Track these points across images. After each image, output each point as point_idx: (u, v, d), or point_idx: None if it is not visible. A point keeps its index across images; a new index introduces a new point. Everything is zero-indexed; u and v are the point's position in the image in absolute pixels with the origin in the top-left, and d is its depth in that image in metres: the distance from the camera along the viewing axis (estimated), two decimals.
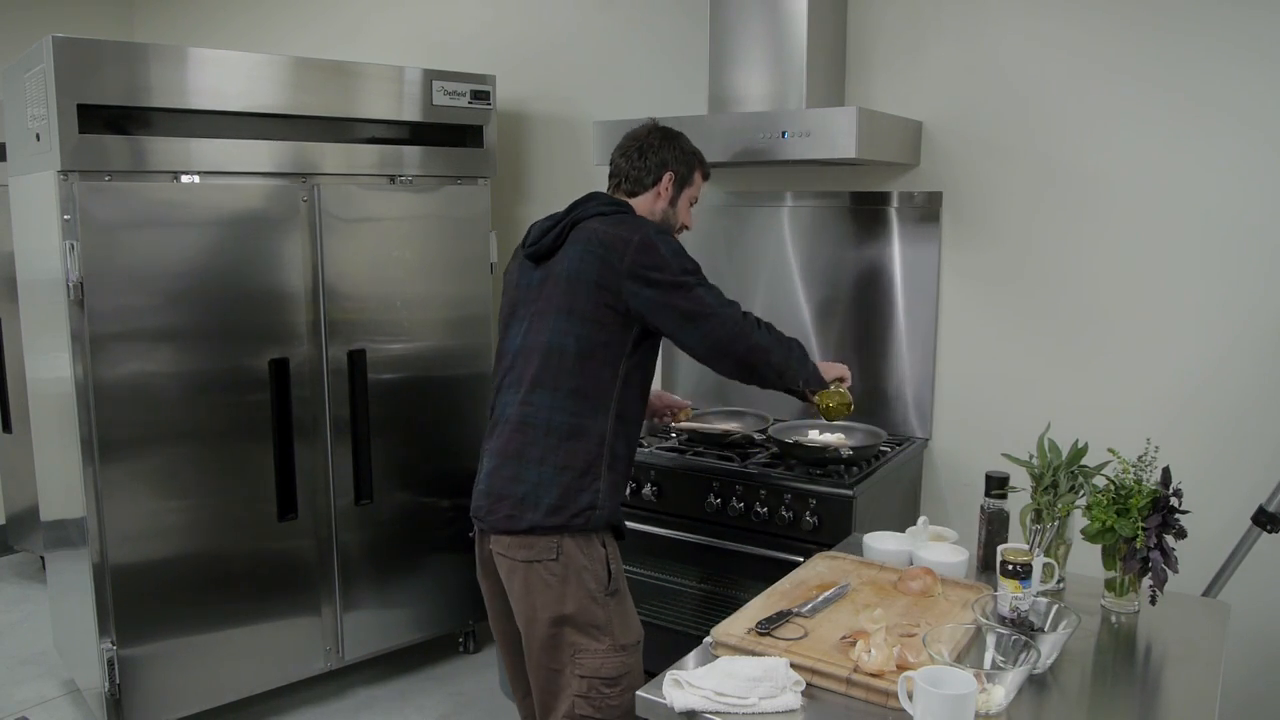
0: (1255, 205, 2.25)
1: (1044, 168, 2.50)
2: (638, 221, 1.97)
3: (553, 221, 2.01)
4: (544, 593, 1.89)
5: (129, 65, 2.45)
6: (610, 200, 2.04)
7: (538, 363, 1.91)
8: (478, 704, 3.05)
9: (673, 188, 2.09)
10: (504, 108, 3.46)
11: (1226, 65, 2.25)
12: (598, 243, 1.91)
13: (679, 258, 1.91)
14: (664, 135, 2.12)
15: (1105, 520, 1.69)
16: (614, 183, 2.13)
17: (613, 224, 1.94)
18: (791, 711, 1.37)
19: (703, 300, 1.90)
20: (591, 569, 1.90)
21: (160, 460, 2.59)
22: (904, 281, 2.73)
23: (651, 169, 2.08)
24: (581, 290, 1.89)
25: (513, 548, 1.91)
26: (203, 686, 2.73)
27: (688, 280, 1.89)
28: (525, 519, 1.88)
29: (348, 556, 2.97)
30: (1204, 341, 2.34)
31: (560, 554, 1.88)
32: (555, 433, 1.89)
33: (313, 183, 2.77)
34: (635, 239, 1.89)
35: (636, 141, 2.11)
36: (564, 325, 1.90)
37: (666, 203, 2.10)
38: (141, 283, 2.52)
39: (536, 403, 1.90)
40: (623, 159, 2.12)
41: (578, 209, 2.00)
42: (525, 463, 1.90)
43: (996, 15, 2.53)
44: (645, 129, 2.13)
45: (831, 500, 2.29)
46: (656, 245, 1.89)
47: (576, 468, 1.88)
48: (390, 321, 2.97)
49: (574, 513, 1.87)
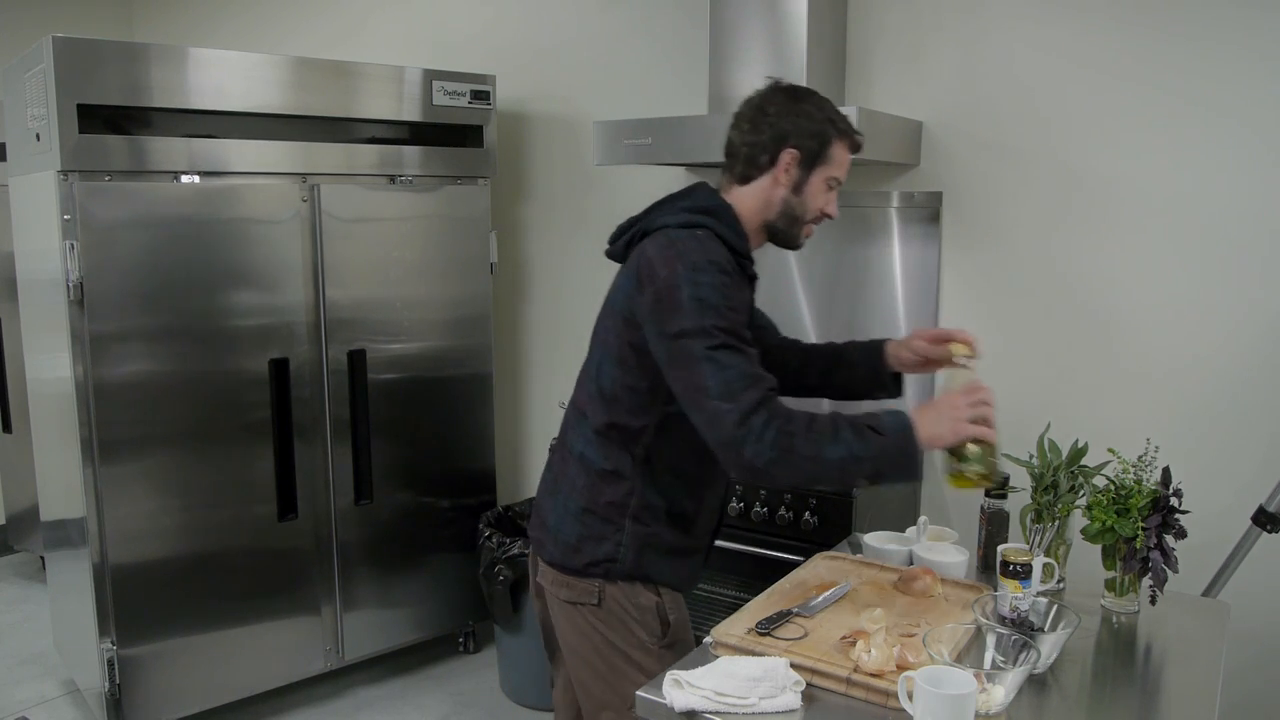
0: (1255, 205, 2.25)
1: (1045, 167, 2.50)
2: (683, 249, 1.54)
3: (630, 221, 1.69)
4: (592, 636, 1.69)
5: (129, 65, 2.45)
6: (697, 204, 1.63)
7: (586, 395, 1.70)
8: (478, 704, 3.05)
9: (796, 169, 1.62)
10: (504, 108, 3.46)
11: (1226, 66, 2.24)
12: (634, 269, 1.58)
13: (699, 309, 1.48)
14: (788, 96, 1.63)
15: (1105, 520, 1.69)
16: (726, 164, 1.69)
17: (663, 245, 1.56)
18: (791, 711, 1.37)
19: (702, 384, 1.47)
20: (641, 619, 1.66)
21: (160, 460, 2.59)
22: (904, 281, 2.73)
23: (766, 145, 1.61)
24: (614, 324, 1.63)
25: (555, 585, 1.72)
26: (203, 686, 2.73)
27: (693, 348, 1.47)
28: (547, 549, 1.73)
29: (348, 556, 2.97)
30: (1204, 341, 2.33)
31: (602, 600, 1.66)
32: (585, 469, 1.68)
33: (313, 183, 2.77)
34: (663, 275, 1.52)
35: (752, 106, 1.65)
36: (599, 355, 1.68)
37: (788, 189, 1.63)
38: (141, 283, 2.52)
39: (579, 434, 1.71)
40: (735, 131, 1.66)
41: (654, 212, 1.64)
42: (557, 492, 1.73)
43: (997, 15, 2.53)
44: (765, 88, 1.66)
45: (831, 500, 2.28)
46: (680, 289, 1.49)
47: (598, 511, 1.66)
48: (390, 321, 2.97)
49: (590, 560, 1.66)
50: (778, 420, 1.46)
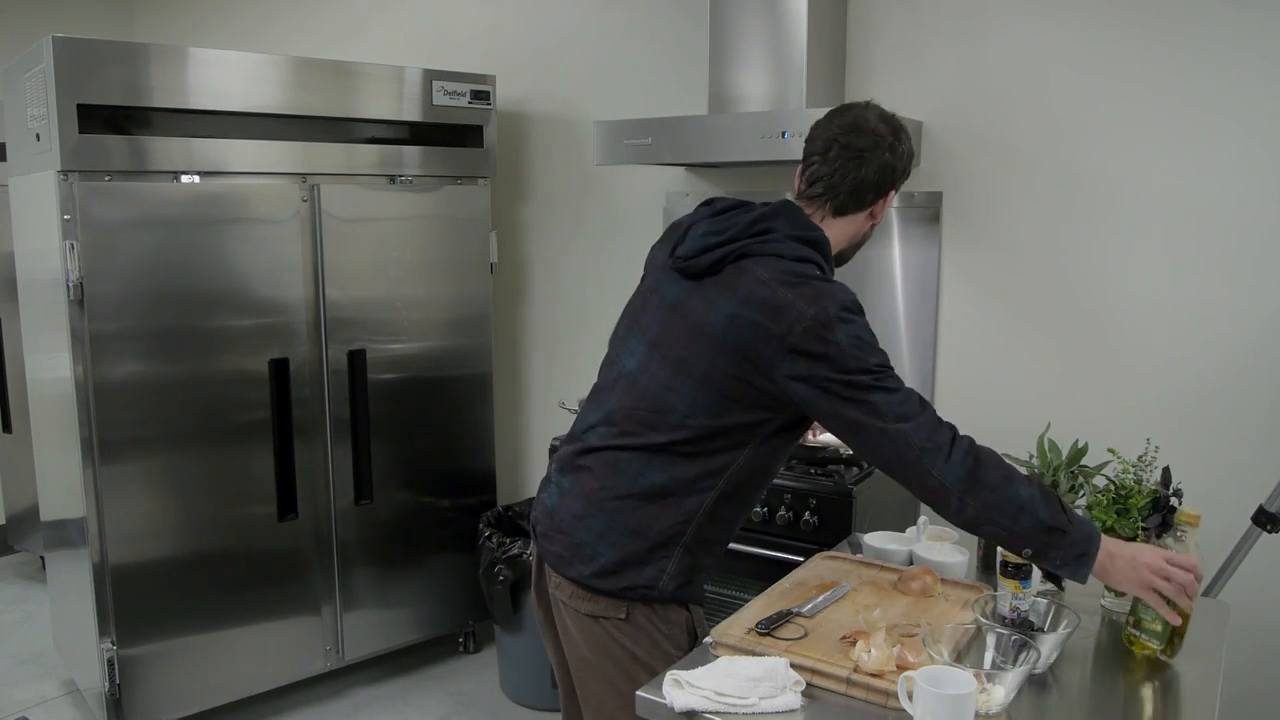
0: (1255, 205, 2.25)
1: (1045, 167, 2.50)
2: (822, 288, 1.49)
3: (721, 238, 1.56)
4: (612, 649, 1.59)
5: (129, 65, 2.45)
6: (803, 235, 1.56)
7: (643, 409, 1.57)
8: (478, 704, 3.05)
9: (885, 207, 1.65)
10: (504, 108, 3.46)
11: (1226, 67, 2.25)
12: (759, 305, 1.49)
13: (859, 349, 1.47)
14: (896, 131, 1.60)
15: (1105, 520, 1.69)
16: (818, 191, 1.61)
17: (789, 281, 1.49)
18: (791, 711, 1.37)
19: (875, 409, 1.46)
20: (670, 634, 1.60)
21: (160, 460, 2.60)
22: (904, 281, 2.73)
23: (879, 184, 1.59)
24: (723, 361, 1.51)
25: (575, 599, 1.60)
26: (203, 686, 2.73)
27: (862, 380, 1.46)
28: (574, 567, 1.59)
29: (348, 556, 2.97)
30: (1204, 341, 2.33)
31: (630, 616, 1.58)
32: (641, 488, 1.56)
33: (313, 183, 2.78)
34: (810, 313, 1.46)
35: (865, 137, 1.58)
36: (692, 391, 1.53)
37: (875, 222, 1.66)
38: (141, 283, 2.52)
39: (632, 450, 1.57)
40: (838, 160, 1.58)
41: (754, 234, 1.55)
42: (595, 506, 1.58)
43: (996, 15, 2.53)
44: (873, 115, 1.60)
45: (831, 500, 2.28)
46: (835, 329, 1.45)
47: (649, 538, 1.55)
48: (390, 321, 2.97)
49: (627, 585, 1.56)
50: (964, 440, 1.49)
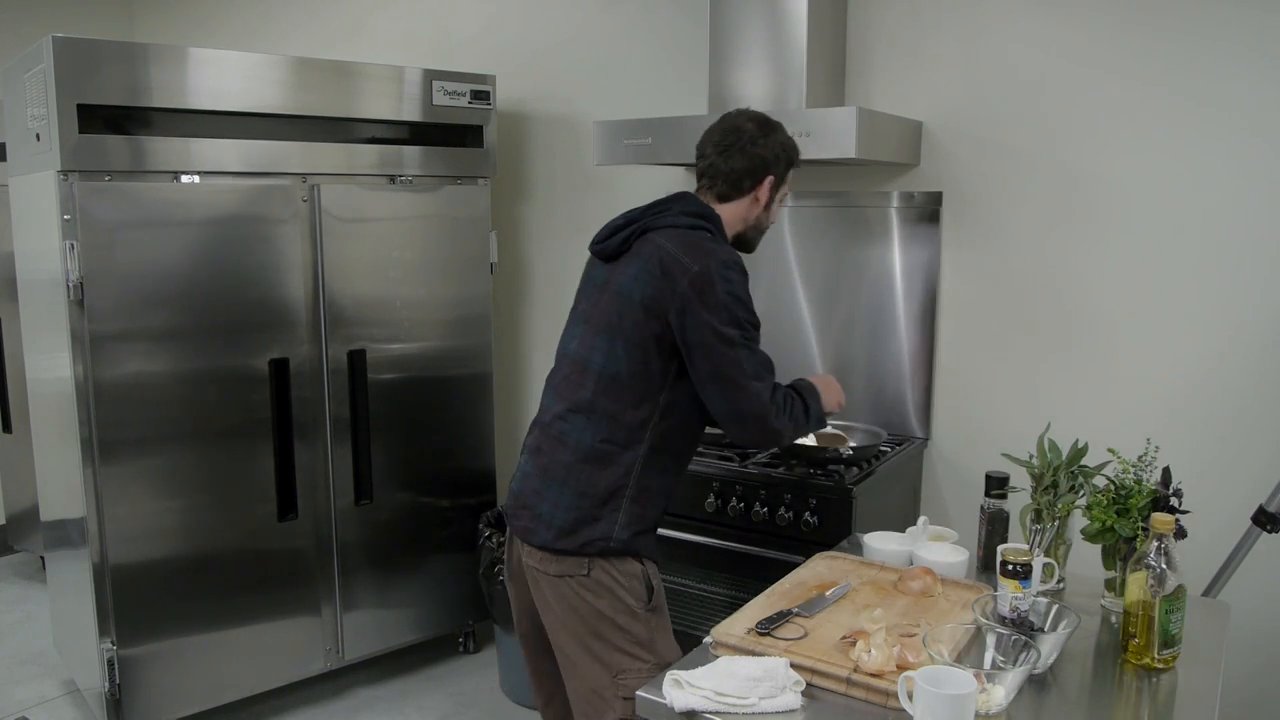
0: (1255, 205, 2.25)
1: (1045, 167, 2.50)
2: (708, 248, 1.76)
3: (626, 220, 1.85)
4: (580, 606, 1.79)
5: (129, 65, 2.45)
6: (694, 209, 1.84)
7: (580, 380, 1.81)
8: (478, 704, 3.05)
9: (769, 192, 1.89)
10: (504, 108, 3.46)
11: (1226, 66, 2.25)
12: (657, 263, 1.74)
13: (735, 306, 1.73)
14: (763, 127, 1.87)
15: (1105, 520, 1.69)
16: (705, 183, 1.90)
17: (681, 244, 1.76)
18: (791, 711, 1.37)
19: (738, 365, 1.72)
20: (628, 585, 1.79)
21: (160, 460, 2.59)
22: (904, 281, 2.73)
23: (751, 170, 1.85)
24: (630, 312, 1.76)
25: (544, 562, 1.81)
26: (203, 686, 2.73)
27: (732, 335, 1.71)
28: (539, 534, 1.80)
29: (348, 556, 2.97)
30: (1204, 341, 2.34)
31: (591, 571, 1.78)
32: (582, 455, 1.78)
33: (313, 183, 2.77)
34: (695, 268, 1.71)
35: (733, 134, 1.86)
36: (607, 345, 1.78)
37: (762, 208, 1.91)
38: (141, 283, 2.52)
39: (573, 421, 1.81)
40: (718, 156, 1.86)
41: (654, 213, 1.83)
42: (549, 478, 1.82)
43: (997, 15, 2.53)
44: (743, 117, 1.88)
45: (831, 500, 2.28)
46: (715, 284, 1.71)
47: (596, 496, 1.77)
48: (390, 321, 2.97)
49: (584, 540, 1.77)
50: (790, 397, 1.84)
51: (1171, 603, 1.50)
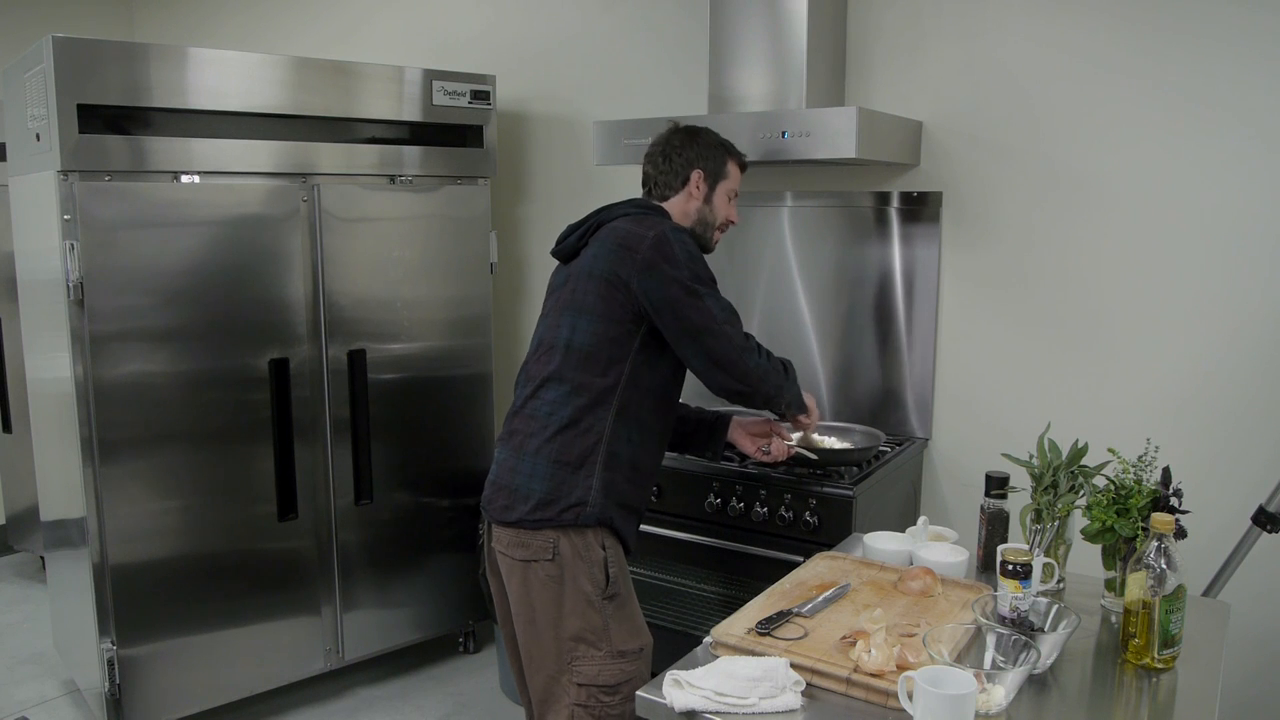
0: (1255, 204, 2.25)
1: (1044, 167, 2.50)
2: (659, 220, 1.95)
3: (580, 221, 2.02)
4: (541, 593, 1.88)
5: (129, 65, 2.45)
6: (641, 203, 2.03)
7: (547, 358, 1.92)
8: (478, 704, 3.05)
9: (705, 185, 2.06)
10: (504, 108, 3.46)
11: (1226, 65, 2.25)
12: (615, 239, 1.90)
13: (694, 263, 1.88)
14: (686, 134, 2.09)
15: (1105, 520, 1.69)
16: (647, 190, 2.12)
17: (633, 222, 1.93)
18: (791, 711, 1.37)
19: (709, 313, 1.87)
20: (588, 571, 1.87)
21: (160, 460, 2.59)
22: (904, 281, 2.73)
23: (678, 170, 2.06)
24: (592, 288, 1.89)
25: (512, 546, 1.90)
26: (203, 686, 2.73)
27: (697, 289, 1.86)
28: (516, 510, 1.88)
29: (348, 556, 2.97)
30: (1204, 341, 2.34)
31: (556, 554, 1.86)
32: (554, 425, 1.88)
33: (313, 183, 2.78)
34: (650, 235, 1.87)
35: (659, 145, 2.10)
36: (574, 321, 1.90)
37: (701, 201, 2.07)
38: (141, 283, 2.52)
39: (543, 396, 1.91)
40: (649, 165, 2.10)
41: (605, 211, 2.00)
42: (523, 454, 1.90)
43: (997, 15, 2.53)
44: (667, 131, 2.11)
45: (831, 500, 2.28)
46: (672, 244, 1.86)
47: (570, 462, 1.87)
48: (390, 321, 2.97)
49: (563, 508, 1.86)
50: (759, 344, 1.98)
51: (1171, 603, 1.50)
